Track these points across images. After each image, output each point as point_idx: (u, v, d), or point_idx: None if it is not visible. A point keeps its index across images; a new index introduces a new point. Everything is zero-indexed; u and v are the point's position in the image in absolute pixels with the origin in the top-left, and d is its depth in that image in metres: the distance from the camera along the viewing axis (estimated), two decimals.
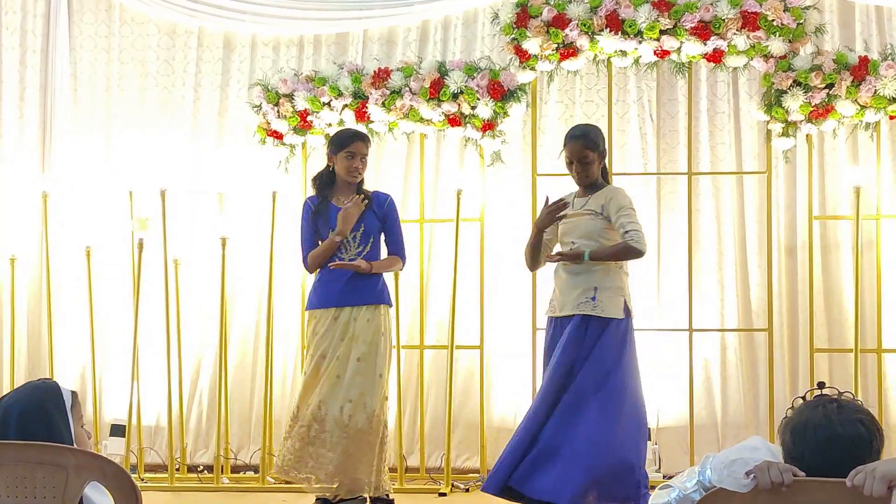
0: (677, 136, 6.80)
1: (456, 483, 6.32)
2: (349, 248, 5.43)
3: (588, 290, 5.12)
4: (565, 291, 5.18)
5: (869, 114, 6.13)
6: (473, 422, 6.60)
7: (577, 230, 5.21)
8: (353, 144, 5.46)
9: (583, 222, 5.21)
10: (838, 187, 6.64)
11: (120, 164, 7.16)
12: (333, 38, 7.14)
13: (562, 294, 5.20)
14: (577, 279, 5.13)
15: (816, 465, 2.37)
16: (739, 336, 6.72)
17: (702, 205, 6.75)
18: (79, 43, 7.31)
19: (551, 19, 6.19)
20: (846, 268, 6.59)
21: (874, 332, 6.32)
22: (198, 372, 7.02)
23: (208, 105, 7.20)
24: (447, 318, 6.49)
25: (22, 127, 7.23)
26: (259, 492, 6.28)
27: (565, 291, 5.18)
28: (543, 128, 6.83)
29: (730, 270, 6.76)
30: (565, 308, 5.16)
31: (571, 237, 5.23)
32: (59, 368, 6.84)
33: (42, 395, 2.94)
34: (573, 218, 5.22)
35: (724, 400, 6.71)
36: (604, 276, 5.11)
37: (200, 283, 6.88)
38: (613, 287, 5.11)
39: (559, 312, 5.20)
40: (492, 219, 6.63)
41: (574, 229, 5.22)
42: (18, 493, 2.65)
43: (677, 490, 2.62)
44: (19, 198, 7.09)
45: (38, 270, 7.09)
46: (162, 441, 6.78)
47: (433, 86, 6.32)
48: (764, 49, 6.09)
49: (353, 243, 5.42)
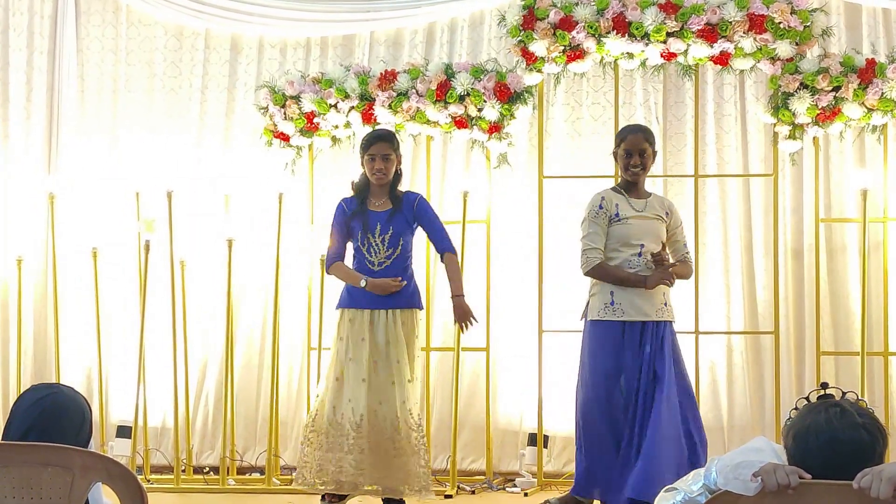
0: (684, 139, 6.80)
1: (462, 485, 6.32)
2: (378, 252, 5.37)
3: (663, 296, 5.28)
4: (644, 297, 5.21)
5: (876, 116, 6.13)
6: (479, 424, 6.61)
7: (648, 234, 5.28)
8: (372, 147, 5.41)
9: (654, 226, 5.30)
10: (845, 190, 6.63)
11: (126, 165, 7.17)
12: (340, 39, 7.15)
13: (640, 299, 5.22)
14: None
15: (819, 470, 2.36)
16: (746, 339, 6.71)
17: (708, 207, 6.75)
18: (86, 44, 7.33)
19: (558, 21, 6.19)
20: (853, 271, 6.58)
21: (881, 335, 6.31)
22: (204, 373, 7.03)
23: (215, 107, 7.21)
24: (453, 320, 6.48)
25: (29, 128, 7.24)
26: (265, 493, 6.28)
27: (644, 297, 5.21)
28: (550, 130, 6.83)
29: (736, 273, 6.76)
30: (646, 314, 5.22)
31: (642, 240, 5.26)
32: (66, 369, 6.84)
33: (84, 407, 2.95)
34: (639, 220, 5.26)
35: (730, 402, 6.70)
36: None
37: (207, 284, 6.88)
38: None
39: (636, 317, 5.23)
40: (498, 221, 6.63)
41: (644, 233, 5.27)
42: (25, 493, 2.65)
43: (683, 493, 2.61)
44: (26, 199, 7.10)
45: (44, 271, 7.10)
46: (168, 442, 6.78)
47: (440, 88, 6.32)
48: (771, 52, 6.08)
49: (381, 246, 5.37)
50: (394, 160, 5.42)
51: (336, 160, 6.85)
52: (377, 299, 5.33)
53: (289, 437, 6.89)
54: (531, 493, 6.20)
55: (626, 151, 5.32)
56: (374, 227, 5.37)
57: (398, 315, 5.34)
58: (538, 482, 6.29)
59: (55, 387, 3.01)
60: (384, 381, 5.27)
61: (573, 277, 5.66)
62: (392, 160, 5.40)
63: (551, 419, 6.48)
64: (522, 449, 6.56)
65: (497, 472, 6.60)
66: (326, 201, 6.85)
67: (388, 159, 5.39)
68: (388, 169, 5.38)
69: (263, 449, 6.59)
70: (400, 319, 5.34)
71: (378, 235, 5.37)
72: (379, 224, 5.37)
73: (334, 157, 6.84)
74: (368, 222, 5.38)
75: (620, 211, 5.28)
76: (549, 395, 6.40)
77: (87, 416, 2.96)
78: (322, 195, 6.79)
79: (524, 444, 6.56)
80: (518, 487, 6.31)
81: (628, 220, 5.26)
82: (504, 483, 6.46)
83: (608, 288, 5.25)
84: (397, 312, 5.35)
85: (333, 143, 6.69)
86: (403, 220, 5.41)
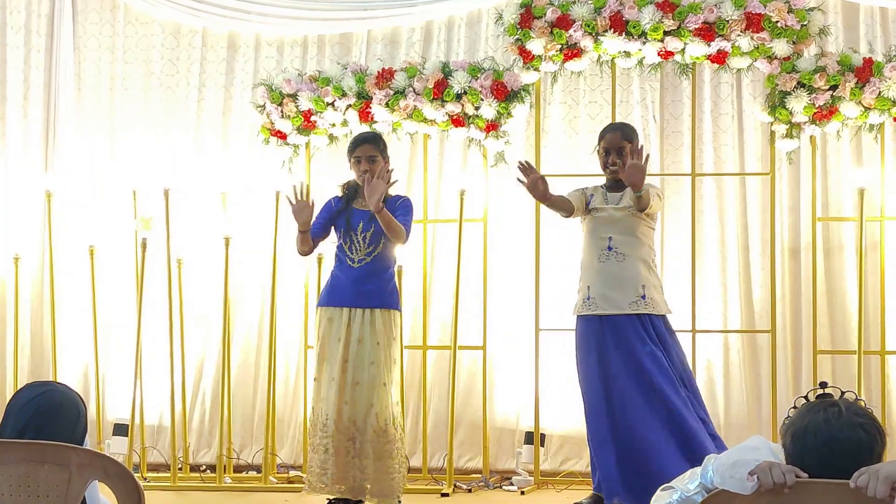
0: (681, 138, 6.80)
1: (458, 483, 6.32)
2: (359, 249, 5.37)
3: (641, 289, 5.22)
4: (616, 289, 5.21)
5: (873, 115, 6.13)
6: (476, 422, 6.61)
7: (616, 226, 5.23)
8: (357, 149, 5.44)
9: (623, 219, 5.24)
10: (842, 189, 6.63)
11: (123, 163, 7.16)
12: (337, 38, 7.15)
13: (611, 291, 5.21)
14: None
15: (817, 469, 2.36)
16: (742, 337, 6.71)
17: (705, 206, 6.75)
18: (83, 42, 7.32)
19: (555, 20, 6.19)
20: (849, 269, 6.58)
21: (877, 333, 6.32)
22: (201, 371, 7.03)
23: (212, 105, 7.21)
24: (450, 318, 6.49)
25: (26, 126, 7.24)
26: (262, 492, 6.27)
27: (616, 289, 5.21)
28: (547, 128, 6.83)
29: (733, 272, 6.76)
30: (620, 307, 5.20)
31: (609, 232, 5.24)
32: (62, 367, 6.85)
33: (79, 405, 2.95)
34: (608, 212, 5.23)
35: (726, 401, 6.70)
36: (648, 274, 5.23)
37: (204, 282, 6.88)
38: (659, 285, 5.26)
39: (609, 310, 5.21)
40: (495, 219, 6.63)
41: (612, 224, 5.24)
42: (22, 491, 2.65)
43: (679, 492, 2.61)
44: (23, 197, 7.10)
45: (41, 269, 7.09)
46: (165, 440, 6.78)
47: (437, 86, 6.32)
48: (768, 50, 6.08)
49: (363, 244, 5.37)
50: (380, 161, 5.42)
51: (333, 158, 6.84)
52: (355, 297, 5.32)
53: (285, 435, 6.89)
54: (528, 491, 6.20)
55: (605, 150, 5.33)
56: (356, 225, 5.39)
57: (376, 315, 5.33)
58: (535, 480, 6.29)
59: (50, 384, 3.01)
60: (351, 382, 5.27)
61: (570, 276, 5.67)
62: (378, 161, 5.41)
63: (548, 417, 6.49)
64: (519, 447, 6.56)
65: (494, 470, 6.60)
66: (323, 200, 6.87)
67: (374, 161, 5.40)
68: (374, 170, 5.36)
69: (260, 447, 6.58)
70: (379, 319, 5.33)
71: (360, 233, 5.38)
72: (362, 222, 5.38)
73: (331, 156, 6.83)
74: (352, 219, 5.40)
75: (594, 202, 5.30)
76: (546, 394, 6.41)
77: (83, 413, 2.96)
78: (319, 193, 6.78)
79: (521, 443, 6.56)
80: (515, 486, 6.31)
81: (598, 211, 5.28)
82: (501, 481, 6.46)
83: (585, 283, 5.30)
84: (376, 312, 5.34)
85: (330, 141, 6.69)
86: None
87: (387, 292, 5.40)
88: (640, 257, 5.23)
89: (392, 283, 5.46)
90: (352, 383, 5.27)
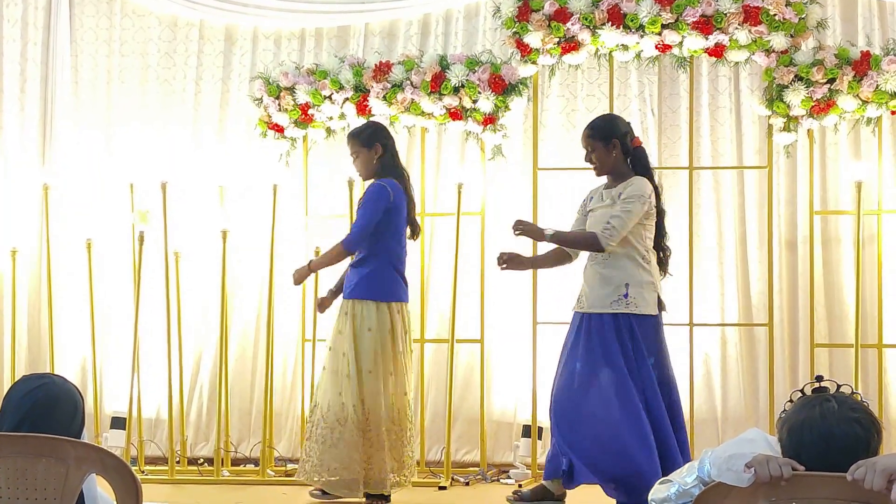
0: (678, 131, 6.79)
1: (456, 476, 6.32)
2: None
3: (584, 286, 5.18)
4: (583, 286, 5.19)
5: (871, 109, 6.13)
6: (474, 416, 6.61)
7: (600, 222, 5.11)
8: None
9: (605, 215, 5.12)
10: (839, 182, 6.63)
11: (121, 156, 7.16)
12: (335, 31, 7.14)
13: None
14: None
15: (813, 463, 2.36)
16: (740, 331, 6.72)
17: (703, 199, 6.75)
18: (80, 35, 7.31)
19: (553, 13, 6.19)
20: (847, 263, 6.58)
21: (875, 327, 6.33)
22: (198, 364, 7.03)
23: (209, 98, 7.20)
24: (448, 311, 6.49)
25: (23, 119, 7.23)
26: (259, 485, 6.28)
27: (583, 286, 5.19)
28: (545, 122, 6.83)
29: (730, 265, 6.76)
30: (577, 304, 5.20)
31: (593, 230, 5.22)
32: (60, 360, 6.85)
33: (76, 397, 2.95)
34: (599, 211, 5.19)
35: (724, 394, 6.71)
36: (635, 271, 5.11)
37: (201, 276, 6.88)
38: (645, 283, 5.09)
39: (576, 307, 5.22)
40: (493, 213, 6.63)
41: (596, 221, 5.16)
42: (19, 485, 2.65)
43: (677, 485, 2.62)
44: (20, 190, 7.10)
45: (38, 263, 7.09)
46: (162, 433, 6.78)
47: (434, 79, 6.32)
48: (766, 44, 6.08)
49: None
50: (363, 155, 5.46)
51: (331, 152, 6.84)
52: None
53: (283, 428, 6.89)
54: (525, 484, 6.20)
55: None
56: None
57: (348, 305, 5.40)
58: (532, 474, 6.30)
59: (47, 377, 2.99)
60: (323, 371, 5.44)
61: (567, 269, 5.66)
62: (360, 156, 5.48)
63: (545, 411, 6.48)
64: (517, 440, 6.56)
65: (491, 463, 6.61)
66: (321, 193, 6.88)
67: (357, 157, 5.50)
68: (358, 163, 5.51)
69: (258, 440, 6.58)
70: (351, 311, 5.37)
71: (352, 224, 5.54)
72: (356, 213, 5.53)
73: (329, 149, 6.83)
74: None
75: (592, 204, 5.26)
76: (544, 387, 6.39)
77: (80, 406, 2.95)
78: (316, 187, 6.79)
79: (518, 436, 6.57)
80: (512, 479, 6.31)
81: (593, 211, 5.23)
82: (498, 474, 6.47)
83: (582, 280, 5.30)
84: (348, 303, 5.41)
85: (328, 134, 6.69)
86: None
87: (356, 280, 5.41)
88: (627, 255, 5.11)
89: (366, 269, 5.39)
90: (324, 372, 5.46)
